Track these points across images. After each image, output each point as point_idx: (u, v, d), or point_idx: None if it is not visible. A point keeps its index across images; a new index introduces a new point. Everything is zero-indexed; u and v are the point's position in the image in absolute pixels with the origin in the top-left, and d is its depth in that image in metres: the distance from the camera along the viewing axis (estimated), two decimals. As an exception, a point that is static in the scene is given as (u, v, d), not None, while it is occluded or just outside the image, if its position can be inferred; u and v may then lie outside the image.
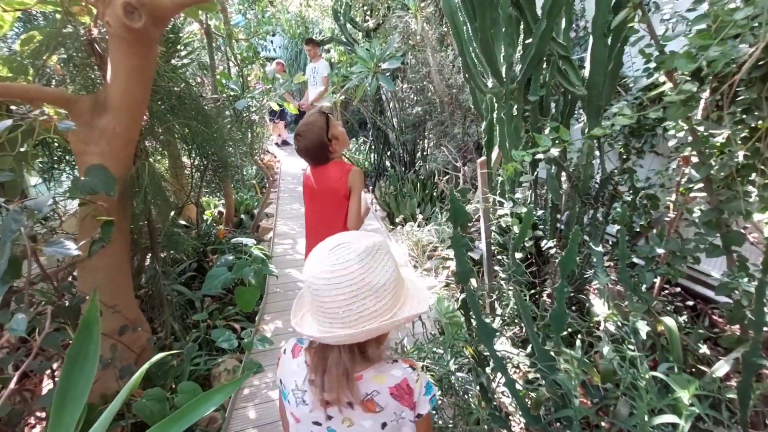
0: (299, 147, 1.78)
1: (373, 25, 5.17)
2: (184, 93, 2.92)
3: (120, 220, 1.71)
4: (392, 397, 0.77)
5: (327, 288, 0.71)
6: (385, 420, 0.78)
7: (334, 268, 0.72)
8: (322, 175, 1.81)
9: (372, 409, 0.76)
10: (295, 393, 0.80)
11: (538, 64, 2.17)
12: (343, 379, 0.73)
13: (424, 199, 4.24)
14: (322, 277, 0.72)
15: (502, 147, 2.37)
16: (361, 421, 0.77)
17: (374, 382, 0.77)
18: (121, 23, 1.40)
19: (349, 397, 0.73)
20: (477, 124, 4.05)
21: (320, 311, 0.73)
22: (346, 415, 0.77)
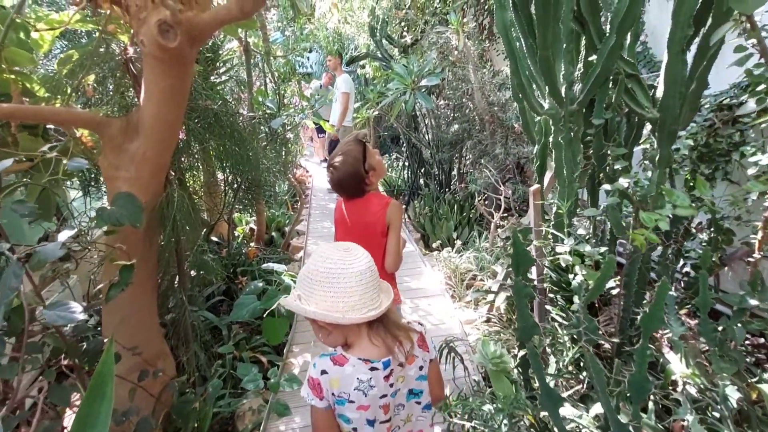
0: (332, 180, 1.62)
1: (411, 40, 5.06)
2: (221, 111, 2.87)
3: (146, 249, 1.60)
4: (419, 347, 1.04)
5: (362, 277, 0.93)
6: (420, 364, 1.04)
7: (358, 258, 0.96)
8: (358, 209, 1.65)
9: (413, 360, 1.02)
10: (361, 387, 0.95)
11: (603, 83, 1.94)
12: (401, 327, 1.02)
13: (461, 222, 4.01)
14: (358, 269, 0.94)
15: (559, 174, 2.13)
16: (409, 372, 1.02)
17: (408, 338, 1.02)
18: (155, 42, 1.30)
19: (409, 342, 1.01)
20: (520, 144, 3.81)
21: (361, 298, 0.93)
22: (400, 374, 1.00)
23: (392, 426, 1.02)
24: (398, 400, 1.01)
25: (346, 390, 0.94)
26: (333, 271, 0.92)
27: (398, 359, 0.97)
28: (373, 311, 0.93)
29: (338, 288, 0.91)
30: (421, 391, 1.05)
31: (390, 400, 0.98)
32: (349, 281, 0.91)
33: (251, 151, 3.24)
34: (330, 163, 1.63)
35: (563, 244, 1.85)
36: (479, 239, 3.77)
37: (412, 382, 1.03)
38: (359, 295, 0.92)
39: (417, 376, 1.03)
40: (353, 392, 0.94)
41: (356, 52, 8.34)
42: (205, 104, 2.76)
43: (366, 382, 0.94)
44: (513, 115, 3.67)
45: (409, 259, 3.73)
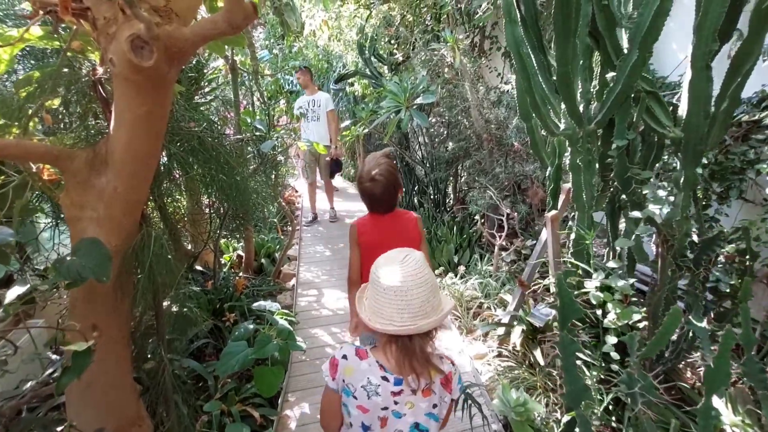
0: (376, 192, 1.59)
1: (402, 57, 4.95)
2: (205, 133, 2.66)
3: (117, 300, 1.36)
4: (441, 385, 1.00)
5: (414, 288, 0.91)
6: (435, 402, 0.99)
7: (416, 272, 0.93)
8: (396, 224, 1.66)
9: (429, 395, 0.98)
10: (367, 388, 0.96)
11: (624, 101, 1.80)
12: (425, 361, 0.95)
13: (461, 244, 3.83)
14: (409, 280, 0.91)
15: (577, 198, 1.97)
16: (420, 403, 0.98)
17: (433, 374, 0.97)
18: (127, 61, 1.09)
19: (427, 379, 0.96)
20: (519, 163, 3.68)
21: (406, 309, 0.91)
22: (408, 399, 0.97)
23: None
24: (401, 425, 1.00)
25: (354, 383, 0.98)
26: (397, 280, 0.93)
27: (411, 385, 0.97)
28: (412, 326, 0.92)
29: (402, 295, 0.92)
30: (427, 429, 1.01)
31: (391, 416, 0.99)
32: (412, 291, 0.92)
33: (238, 176, 3.03)
34: (372, 175, 1.58)
35: (591, 279, 1.67)
36: (481, 262, 3.59)
37: (421, 416, 1.00)
38: (418, 304, 0.92)
39: (427, 412, 1.00)
40: (359, 389, 0.98)
41: (345, 70, 8.25)
42: (188, 126, 2.56)
43: (373, 386, 0.97)
44: (513, 133, 3.55)
45: (409, 285, 3.52)
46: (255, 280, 3.70)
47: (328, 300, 3.32)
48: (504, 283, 3.13)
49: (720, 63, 1.72)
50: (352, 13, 5.79)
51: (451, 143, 4.59)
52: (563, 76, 1.71)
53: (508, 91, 3.71)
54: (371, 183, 1.58)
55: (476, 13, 4.23)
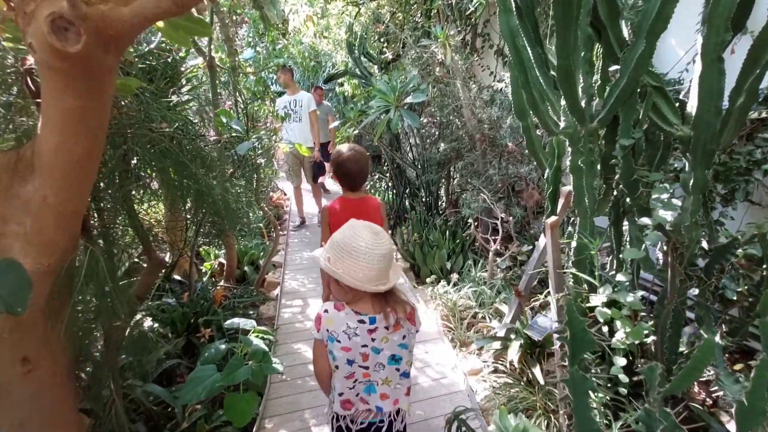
0: (355, 168, 1.85)
1: (393, 55, 4.79)
2: (179, 134, 2.47)
3: (50, 328, 1.17)
4: (407, 320, 1.23)
5: (383, 258, 1.13)
6: (404, 334, 1.22)
7: (383, 243, 1.14)
8: (364, 206, 1.90)
9: (399, 329, 1.20)
10: (347, 331, 1.16)
11: (629, 97, 1.64)
12: (394, 302, 1.19)
13: (454, 250, 3.66)
14: (381, 252, 1.12)
15: (578, 203, 1.81)
16: (392, 337, 1.20)
17: (399, 312, 1.19)
18: (48, 46, 0.91)
19: (395, 318, 1.18)
20: (514, 164, 3.53)
21: (378, 274, 1.13)
22: (383, 335, 1.18)
23: (371, 377, 1.21)
24: (380, 359, 1.20)
25: (336, 330, 1.16)
26: (362, 249, 1.10)
27: (385, 322, 1.16)
28: (383, 286, 1.14)
29: (363, 263, 1.10)
30: (401, 358, 1.22)
31: (370, 352, 1.18)
32: (372, 260, 1.10)
33: (215, 179, 2.83)
34: (347, 155, 1.84)
35: (597, 293, 1.51)
36: (475, 268, 3.42)
37: (395, 348, 1.21)
38: (377, 271, 1.12)
39: (399, 343, 1.21)
40: (341, 333, 1.16)
41: (334, 70, 8.07)
42: (160, 127, 2.36)
43: (352, 329, 1.15)
44: (506, 133, 3.39)
45: (400, 294, 3.34)
46: (237, 289, 3.50)
47: (313, 311, 3.13)
48: (499, 291, 2.97)
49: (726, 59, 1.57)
50: (340, 10, 5.62)
51: (443, 144, 4.43)
52: (564, 69, 1.55)
53: (502, 89, 3.56)
54: (351, 159, 1.83)
55: (468, 10, 4.08)
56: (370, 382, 1.21)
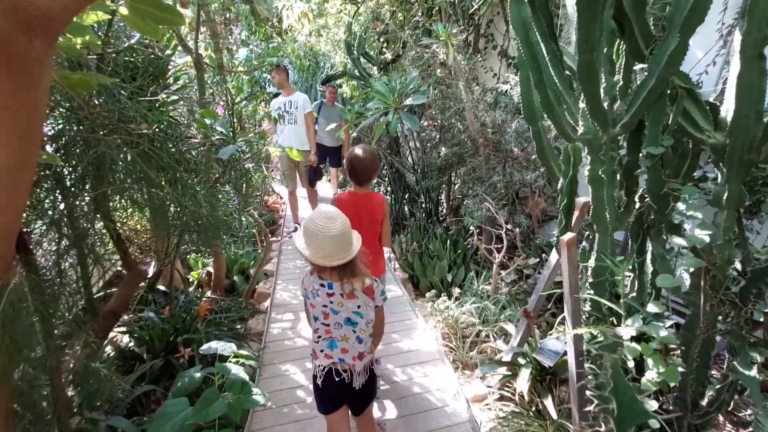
0: (360, 166, 2.01)
1: (392, 56, 4.60)
2: (160, 136, 2.28)
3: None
4: (363, 292, 1.43)
5: (333, 240, 1.33)
6: (359, 304, 1.44)
7: (334, 226, 1.34)
8: (368, 200, 2.07)
9: (353, 299, 1.43)
10: (313, 291, 1.45)
11: (659, 98, 1.45)
12: (351, 275, 1.41)
13: (455, 261, 3.46)
14: (331, 234, 1.33)
15: (598, 218, 1.61)
16: (347, 303, 1.44)
17: (355, 284, 1.42)
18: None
19: (350, 289, 1.41)
20: (520, 171, 3.33)
21: (330, 251, 1.34)
22: (339, 300, 1.43)
23: (331, 333, 1.48)
24: (338, 319, 1.46)
25: (309, 288, 1.47)
26: (315, 232, 1.34)
27: (342, 289, 1.41)
28: (338, 261, 1.36)
29: (318, 243, 1.34)
30: (356, 323, 1.46)
31: (329, 312, 1.46)
32: (324, 241, 1.34)
33: (200, 185, 2.64)
34: (358, 152, 2.03)
35: (625, 325, 1.31)
36: (477, 280, 3.23)
37: (350, 313, 1.45)
38: (330, 249, 1.35)
39: (354, 310, 1.45)
40: (310, 292, 1.46)
41: (332, 71, 7.88)
42: (139, 128, 2.18)
43: (315, 290, 1.45)
44: (512, 137, 3.20)
45: (397, 307, 3.14)
46: (224, 301, 3.30)
47: (304, 326, 2.92)
48: (504, 307, 2.77)
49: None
50: (338, 9, 5.43)
51: (444, 148, 4.24)
52: (587, 67, 1.36)
53: (506, 91, 3.37)
54: (356, 158, 2.01)
55: (471, 8, 3.89)
56: (332, 338, 1.48)
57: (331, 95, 5.18)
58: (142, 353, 2.30)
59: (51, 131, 2.15)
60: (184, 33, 3.55)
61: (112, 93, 2.24)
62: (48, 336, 1.09)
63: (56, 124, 2.20)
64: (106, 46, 2.33)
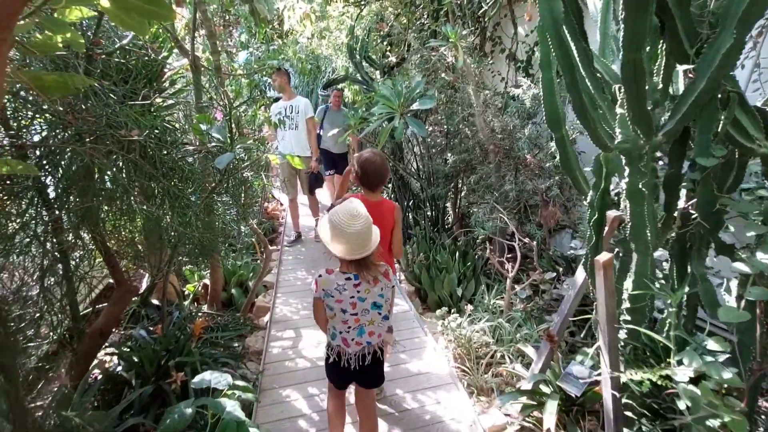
0: (377, 169, 1.96)
1: (397, 59, 4.45)
2: (152, 143, 2.13)
3: None
4: (384, 277, 1.59)
5: (354, 236, 1.45)
6: (382, 287, 1.59)
7: (357, 223, 1.45)
8: (380, 208, 1.97)
9: (377, 283, 1.57)
10: (338, 288, 1.54)
11: (709, 103, 1.29)
12: (371, 265, 1.54)
13: (465, 273, 3.29)
14: (352, 231, 1.45)
15: (637, 237, 1.45)
16: (373, 289, 1.57)
17: (377, 270, 1.57)
18: None
19: (375, 274, 1.55)
20: (533, 179, 3.17)
21: (352, 247, 1.47)
22: (366, 288, 1.56)
23: (359, 320, 1.60)
24: (365, 306, 1.59)
25: (330, 288, 1.54)
26: (339, 227, 1.45)
27: (366, 278, 1.54)
28: (358, 256, 1.49)
29: (341, 237, 1.46)
30: (381, 306, 1.62)
31: (358, 301, 1.57)
32: (347, 237, 1.45)
33: (195, 194, 2.48)
34: (370, 157, 1.97)
35: (676, 363, 1.14)
36: (489, 294, 3.05)
37: (376, 297, 1.59)
38: (352, 244, 1.47)
39: (379, 293, 1.59)
40: (333, 290, 1.54)
41: (334, 75, 7.74)
42: (130, 135, 2.03)
43: (341, 286, 1.54)
44: (524, 144, 3.04)
45: (404, 324, 2.96)
46: (221, 317, 3.12)
47: (306, 345, 2.75)
48: (520, 325, 2.60)
49: None
50: (340, 11, 5.30)
51: (450, 155, 4.08)
52: (633, 66, 1.19)
53: (518, 96, 3.22)
54: (369, 161, 1.95)
55: (480, 9, 3.75)
56: (360, 325, 1.60)
57: (336, 99, 4.98)
58: (131, 378, 2.12)
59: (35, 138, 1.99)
60: (181, 35, 3.40)
61: (100, 96, 2.08)
62: (11, 383, 0.92)
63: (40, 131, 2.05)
64: (95, 46, 2.18)
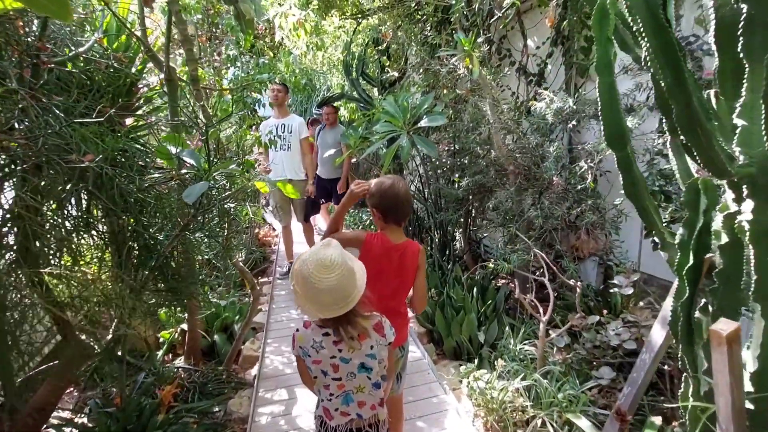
0: (405, 200, 1.63)
1: (399, 72, 4.12)
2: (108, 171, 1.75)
3: None
4: (375, 330, 1.29)
5: (323, 293, 1.17)
6: (372, 344, 1.28)
7: (329, 277, 1.17)
8: (403, 252, 1.63)
9: (365, 338, 1.27)
10: (314, 345, 1.25)
11: None
12: (359, 323, 1.24)
13: (486, 313, 2.85)
14: (322, 287, 1.16)
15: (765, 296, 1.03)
16: (360, 345, 1.26)
17: (364, 323, 1.26)
18: None
19: (361, 330, 1.25)
20: (558, 203, 2.78)
21: (332, 304, 1.18)
22: (350, 345, 1.25)
23: (344, 387, 1.29)
24: (350, 368, 1.27)
25: (306, 346, 1.27)
26: (308, 281, 1.17)
27: (349, 335, 1.22)
28: (336, 313, 1.19)
29: (311, 295, 1.17)
30: (371, 369, 1.28)
31: (339, 362, 1.26)
32: (319, 294, 1.17)
33: (165, 231, 2.05)
34: (397, 187, 1.61)
35: None
36: (514, 337, 2.61)
37: (363, 357, 1.27)
38: (324, 304, 1.18)
39: (367, 353, 1.27)
40: (310, 348, 1.26)
41: (329, 93, 7.44)
42: (80, 159, 1.66)
43: (318, 342, 1.25)
44: (551, 164, 2.66)
45: (418, 377, 2.50)
46: (200, 370, 2.63)
47: (301, 410, 2.26)
48: (560, 381, 2.15)
49: None
50: (336, 26, 5.00)
51: (458, 175, 3.70)
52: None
53: (539, 110, 2.86)
54: (394, 191, 1.60)
55: (492, 16, 3.44)
56: (346, 392, 1.30)
57: (330, 115, 4.54)
58: (72, 476, 1.63)
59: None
60: (156, 46, 3.03)
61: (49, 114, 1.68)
62: None
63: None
64: (40, 52, 1.78)
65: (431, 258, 3.75)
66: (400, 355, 1.72)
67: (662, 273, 2.84)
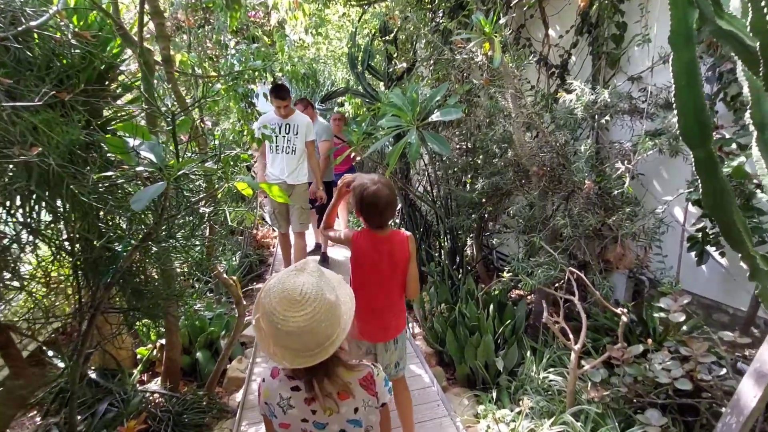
0: (388, 203, 1.60)
1: (408, 63, 3.77)
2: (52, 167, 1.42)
3: None
4: (361, 387, 0.99)
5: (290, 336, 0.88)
6: (357, 405, 0.99)
7: (296, 316, 0.87)
8: (391, 242, 1.66)
9: (346, 398, 0.97)
10: (281, 404, 0.97)
11: None
12: (338, 377, 0.96)
13: (504, 334, 2.50)
14: (288, 329, 0.87)
15: None
16: (340, 408, 0.97)
17: (346, 377, 0.98)
18: None
19: (342, 386, 0.96)
20: (589, 210, 2.42)
21: (301, 348, 0.89)
22: (327, 405, 0.96)
23: None
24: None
25: (272, 402, 0.98)
26: (270, 319, 0.89)
27: (324, 393, 0.95)
28: (308, 362, 0.90)
29: (274, 336, 0.90)
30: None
31: (312, 428, 0.98)
32: (283, 337, 0.89)
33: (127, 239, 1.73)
34: (379, 188, 1.57)
35: None
36: (537, 363, 2.26)
37: (344, 423, 0.99)
38: (291, 349, 0.90)
39: (350, 418, 0.99)
40: (276, 407, 0.98)
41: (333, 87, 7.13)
42: (26, 152, 1.35)
43: (285, 400, 0.97)
44: (583, 165, 2.30)
45: (426, 410, 2.15)
46: (177, 396, 2.30)
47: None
48: (595, 423, 1.80)
49: None
50: (340, 16, 4.67)
51: (471, 176, 3.36)
52: None
53: (569, 102, 2.50)
54: (376, 195, 1.57)
55: (511, 2, 3.09)
56: None
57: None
58: None
59: None
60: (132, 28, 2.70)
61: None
62: None
63: None
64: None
65: (440, 266, 3.40)
66: (394, 349, 1.74)
67: (705, 291, 2.48)
